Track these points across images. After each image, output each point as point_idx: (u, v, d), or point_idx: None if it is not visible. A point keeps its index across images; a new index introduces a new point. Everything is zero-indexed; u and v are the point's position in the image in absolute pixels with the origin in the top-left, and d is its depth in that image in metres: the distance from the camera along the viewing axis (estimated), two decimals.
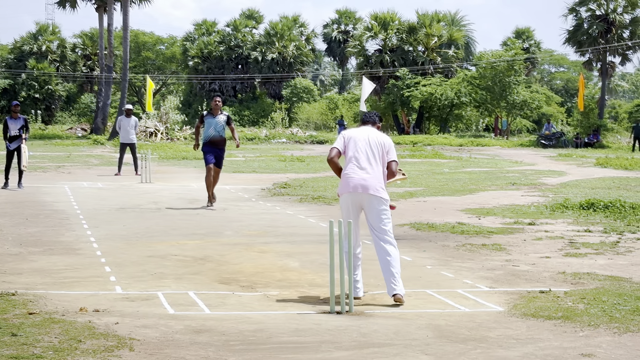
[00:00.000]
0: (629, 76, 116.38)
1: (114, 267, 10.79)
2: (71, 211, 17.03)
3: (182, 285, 9.71)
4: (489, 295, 9.44)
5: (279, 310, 8.63)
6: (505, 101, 61.77)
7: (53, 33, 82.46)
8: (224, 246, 12.67)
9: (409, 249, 12.55)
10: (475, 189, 22.69)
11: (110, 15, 56.45)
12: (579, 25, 62.82)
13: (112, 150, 40.89)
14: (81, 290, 9.33)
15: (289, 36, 78.87)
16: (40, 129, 62.33)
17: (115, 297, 9.09)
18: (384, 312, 8.57)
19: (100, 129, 56.16)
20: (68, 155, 36.83)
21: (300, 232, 14.41)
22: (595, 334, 7.68)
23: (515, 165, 34.15)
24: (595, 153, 44.42)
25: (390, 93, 67.67)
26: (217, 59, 78.93)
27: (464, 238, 13.72)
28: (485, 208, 18.06)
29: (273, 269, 10.91)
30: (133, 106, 41.34)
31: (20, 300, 8.64)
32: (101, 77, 58.42)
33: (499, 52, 66.46)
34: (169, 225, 15.11)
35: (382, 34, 71.58)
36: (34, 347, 6.91)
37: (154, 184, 23.65)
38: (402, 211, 17.47)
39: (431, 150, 46.32)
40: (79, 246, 12.58)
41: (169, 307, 8.62)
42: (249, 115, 75.08)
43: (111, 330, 7.52)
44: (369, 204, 9.22)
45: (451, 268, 11.04)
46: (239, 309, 8.64)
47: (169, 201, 19.26)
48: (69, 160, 33.72)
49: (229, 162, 33.62)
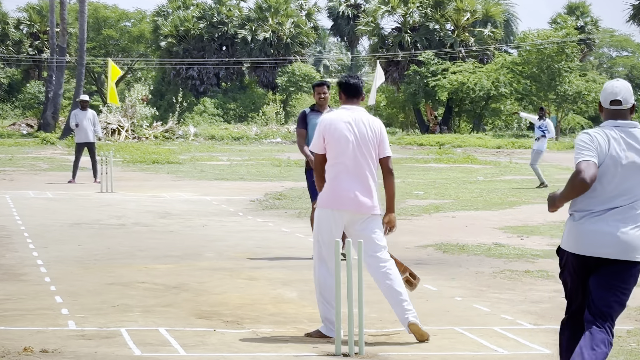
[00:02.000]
0: None
1: (67, 297, 10.79)
2: (14, 227, 17.04)
3: (152, 320, 9.71)
4: (532, 333, 9.43)
5: (272, 351, 8.63)
6: (554, 93, 61.82)
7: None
8: (204, 272, 12.67)
9: (435, 276, 12.55)
10: (517, 201, 22.70)
11: None
12: None
13: (64, 152, 40.95)
14: (26, 326, 9.33)
15: (286, 11, 79.05)
16: None
17: (68, 334, 9.08)
18: (402, 355, 8.57)
19: (50, 125, 56.26)
20: (10, 158, 36.87)
21: (299, 255, 14.40)
22: None
23: (566, 172, 34.15)
24: None
25: (411, 82, 67.71)
26: (196, 39, 79.09)
27: (503, 263, 13.72)
28: (528, 226, 18.06)
29: (264, 300, 10.91)
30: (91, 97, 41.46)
31: None
32: (52, 61, 58.53)
33: (546, 31, 66.62)
34: (135, 246, 15.11)
35: (402, 9, 71.72)
36: None
37: (116, 194, 23.67)
38: (426, 229, 17.49)
39: (462, 153, 46.35)
40: (23, 271, 12.58)
41: (135, 347, 8.62)
42: (236, 109, 75.25)
43: None
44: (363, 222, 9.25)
45: (486, 300, 11.03)
46: (221, 349, 8.65)
47: (136, 215, 19.27)
48: (11, 164, 33.77)
49: (210, 167, 33.68)
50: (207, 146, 49.25)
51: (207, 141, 53.78)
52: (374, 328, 9.50)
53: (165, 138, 53.88)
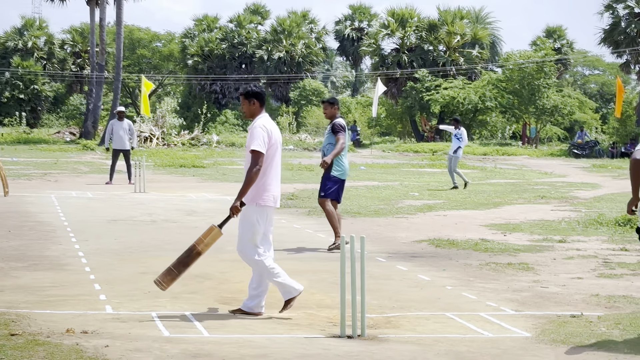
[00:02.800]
0: None
1: (104, 285, 10.80)
2: (58, 223, 17.05)
3: (179, 306, 9.71)
4: (514, 319, 9.42)
5: (284, 333, 8.63)
6: (534, 106, 61.69)
7: (40, 28, 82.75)
8: (225, 263, 12.67)
9: (428, 268, 12.54)
10: (501, 202, 22.67)
11: (103, 9, 56.59)
12: (616, 23, 62.76)
13: (103, 157, 40.95)
14: (68, 310, 9.34)
15: (298, 33, 78.99)
16: (25, 132, 62.39)
17: (105, 317, 9.10)
18: (399, 337, 8.56)
19: (90, 133, 56.27)
20: (55, 162, 36.91)
21: (308, 248, 14.42)
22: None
23: (545, 176, 34.11)
24: None
25: (408, 97, 67.68)
26: (218, 58, 79.08)
27: (488, 256, 13.71)
28: (511, 223, 18.04)
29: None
30: (126, 108, 41.50)
31: (2, 320, 8.64)
32: (92, 77, 58.56)
33: (527, 52, 66.45)
34: (164, 240, 15.11)
35: (400, 32, 71.68)
36: None
37: (148, 194, 23.67)
38: (420, 226, 17.48)
39: None
40: (66, 261, 12.60)
41: (164, 329, 8.63)
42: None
43: (101, 354, 7.52)
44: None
45: (473, 289, 11.02)
46: (240, 331, 8.65)
47: (165, 213, 19.28)
48: (56, 167, 33.79)
49: (230, 170, 33.67)
50: (228, 152, 49.23)
51: (228, 148, 53.74)
52: (374, 313, 9.48)
53: (192, 145, 53.83)
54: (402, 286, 11.19)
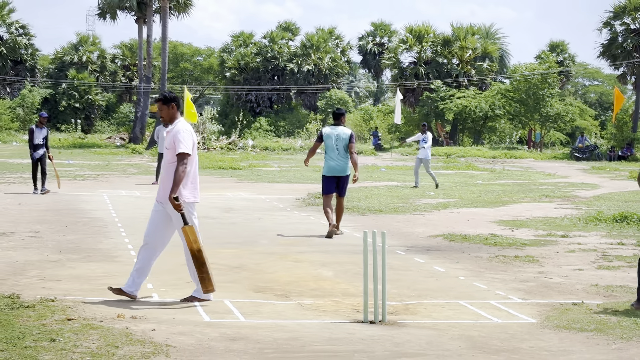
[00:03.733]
0: None
1: (151, 275, 10.79)
2: (109, 219, 17.13)
3: (218, 294, 9.71)
4: (521, 306, 9.39)
5: (313, 319, 8.64)
6: (539, 114, 61.49)
7: (93, 44, 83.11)
8: (259, 255, 12.69)
9: (442, 260, 12.52)
10: (508, 201, 22.59)
11: (150, 26, 56.83)
12: (614, 39, 62.41)
13: (149, 160, 41.12)
14: (119, 297, 9.38)
15: (325, 48, 78.96)
16: (80, 137, 62.79)
17: (152, 304, 9.14)
18: (417, 323, 8.55)
19: (138, 138, 56.51)
20: (107, 164, 37.08)
21: (334, 242, 14.41)
22: (628, 347, 7.63)
23: (549, 177, 33.96)
24: (629, 166, 44.08)
25: (424, 105, 67.59)
26: (253, 70, 79.16)
27: (497, 249, 13.67)
28: (518, 220, 17.97)
29: (307, 278, 10.91)
30: None
31: (60, 307, 8.70)
32: (140, 88, 58.83)
33: (533, 65, 66.24)
34: (204, 234, 15.02)
35: (417, 47, 71.53)
36: (72, 352, 6.96)
37: None
38: (435, 222, 17.44)
39: (465, 162, 46.15)
40: (117, 253, 12.66)
41: (205, 314, 8.66)
42: (285, 126, 75.30)
43: (148, 337, 7.56)
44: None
45: (484, 279, 10.99)
46: (273, 317, 8.66)
47: (205, 210, 19.28)
48: (108, 169, 33.94)
49: (264, 172, 33.72)
50: (262, 155, 49.30)
51: (262, 151, 53.83)
52: (394, 301, 9.47)
53: (229, 149, 53.93)
54: (419, 276, 11.18)
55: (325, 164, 15.52)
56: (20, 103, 68.58)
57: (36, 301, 8.88)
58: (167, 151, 9.29)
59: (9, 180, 26.35)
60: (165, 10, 54.36)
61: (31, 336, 7.40)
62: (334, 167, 15.35)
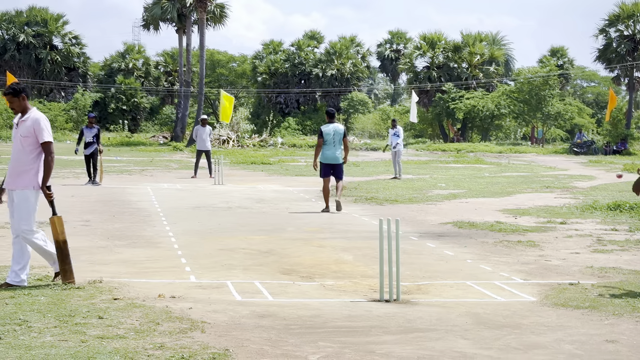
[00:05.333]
0: None
1: (189, 259, 10.88)
2: (152, 209, 17.20)
3: (249, 275, 9.76)
4: (523, 286, 9.35)
5: (334, 298, 8.64)
6: (540, 113, 61.19)
7: (139, 52, 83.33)
8: (286, 241, 12.70)
9: (452, 245, 12.49)
10: (513, 191, 22.49)
11: (189, 36, 56.97)
12: (609, 44, 62.04)
13: (189, 156, 41.23)
14: (160, 279, 9.43)
15: (347, 54, 78.82)
16: (127, 136, 63.05)
17: (190, 285, 9.16)
18: (427, 301, 8.54)
19: (179, 137, 56.66)
20: (151, 160, 37.23)
21: (354, 229, 14.40)
22: (619, 322, 7.59)
23: (550, 170, 33.78)
24: (623, 160, 43.81)
25: (437, 105, 67.43)
26: (282, 75, 79.17)
27: (502, 235, 13.61)
28: (521, 209, 17.89)
29: (329, 261, 10.91)
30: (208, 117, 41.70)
31: (107, 287, 8.75)
32: (180, 91, 58.96)
33: (535, 68, 65.84)
34: (238, 222, 15.19)
35: (430, 53, 71.28)
36: (118, 328, 7.00)
37: (225, 186, 23.79)
38: (446, 211, 17.40)
39: (473, 156, 46.00)
40: (159, 240, 12.70)
41: (237, 294, 8.67)
42: (311, 125, 75.17)
43: (185, 315, 7.59)
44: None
45: (489, 262, 10.96)
46: (298, 296, 8.67)
47: (239, 201, 19.36)
48: (152, 165, 34.07)
49: (292, 167, 33.72)
50: (290, 152, 49.32)
51: (290, 148, 53.85)
52: (407, 282, 9.46)
53: (261, 146, 53.99)
54: (431, 260, 11.16)
55: (322, 154, 17.41)
56: (74, 106, 68.99)
57: (86, 283, 8.93)
58: (22, 139, 8.63)
59: (62, 174, 26.50)
60: (203, 21, 54.47)
61: (81, 314, 7.44)
62: (329, 155, 17.39)
